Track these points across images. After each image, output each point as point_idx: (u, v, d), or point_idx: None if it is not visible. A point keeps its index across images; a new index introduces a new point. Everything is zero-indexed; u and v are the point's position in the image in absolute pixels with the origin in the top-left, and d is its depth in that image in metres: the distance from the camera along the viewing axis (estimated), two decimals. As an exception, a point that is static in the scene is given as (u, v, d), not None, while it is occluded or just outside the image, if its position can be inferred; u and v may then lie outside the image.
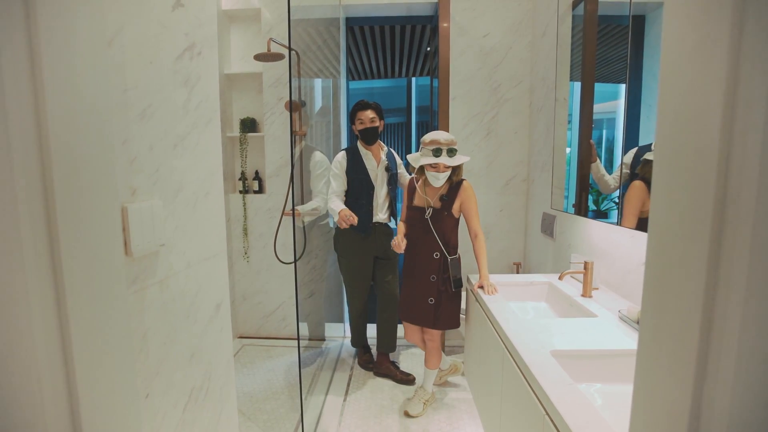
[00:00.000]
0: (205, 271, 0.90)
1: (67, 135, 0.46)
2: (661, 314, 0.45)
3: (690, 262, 0.40)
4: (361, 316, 2.47)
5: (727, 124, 0.37)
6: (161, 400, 0.73)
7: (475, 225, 1.86)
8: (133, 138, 0.66)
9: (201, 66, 0.87)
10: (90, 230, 0.51)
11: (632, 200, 1.42)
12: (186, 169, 0.82)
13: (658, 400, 0.46)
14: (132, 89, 0.65)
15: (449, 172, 1.80)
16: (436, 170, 1.78)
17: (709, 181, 0.37)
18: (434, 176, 1.79)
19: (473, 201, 1.85)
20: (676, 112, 0.42)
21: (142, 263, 0.69)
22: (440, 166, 1.76)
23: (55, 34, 0.45)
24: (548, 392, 0.92)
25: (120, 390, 0.56)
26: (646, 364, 0.48)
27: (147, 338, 0.69)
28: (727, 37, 0.35)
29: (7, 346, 0.43)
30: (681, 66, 0.41)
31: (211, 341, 0.93)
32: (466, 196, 1.84)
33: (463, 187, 1.84)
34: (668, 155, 0.43)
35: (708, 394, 0.39)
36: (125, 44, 0.63)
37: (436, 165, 1.76)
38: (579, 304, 1.48)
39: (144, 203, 0.68)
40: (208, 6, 0.89)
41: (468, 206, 1.84)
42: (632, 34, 1.43)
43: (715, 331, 0.39)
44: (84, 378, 0.48)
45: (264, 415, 2.07)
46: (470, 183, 1.88)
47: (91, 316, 0.50)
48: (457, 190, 1.84)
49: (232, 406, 1.04)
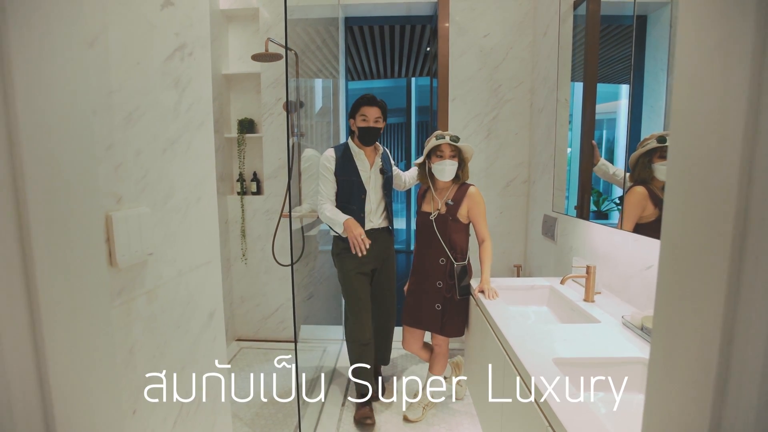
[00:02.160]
0: (197, 280, 0.87)
1: (41, 140, 0.43)
2: (676, 326, 0.42)
3: (709, 272, 0.37)
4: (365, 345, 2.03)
5: (750, 128, 0.34)
6: (150, 416, 0.70)
7: (482, 231, 1.83)
8: (119, 143, 0.63)
9: (192, 67, 0.84)
10: (69, 241, 0.48)
11: (632, 206, 1.40)
12: (176, 174, 0.79)
13: (672, 417, 0.43)
14: (117, 91, 0.62)
15: (456, 164, 1.77)
16: (441, 158, 1.75)
17: (730, 188, 0.35)
18: (440, 168, 1.76)
19: (481, 207, 1.81)
20: (692, 116, 0.39)
21: (128, 274, 0.66)
22: (446, 153, 1.75)
23: (27, 34, 0.42)
24: (550, 402, 0.89)
25: (103, 407, 0.53)
26: (660, 378, 0.45)
27: (134, 352, 0.66)
28: (752, 34, 0.32)
29: (-27, 370, 0.40)
30: (699, 66, 0.38)
31: (203, 351, 0.90)
32: (474, 202, 1.80)
33: (469, 192, 1.81)
34: (683, 161, 0.40)
35: (730, 414, 0.37)
36: (109, 44, 0.60)
37: (442, 152, 1.75)
38: (581, 309, 1.45)
39: (130, 211, 0.65)
40: (200, 5, 0.86)
41: (476, 212, 1.81)
42: (635, 34, 1.41)
43: (737, 344, 0.36)
44: (62, 398, 0.46)
45: (261, 420, 2.04)
46: (476, 187, 1.85)
47: (70, 332, 0.48)
48: (463, 196, 1.81)
49: (226, 417, 1.01)
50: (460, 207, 1.81)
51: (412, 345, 2.02)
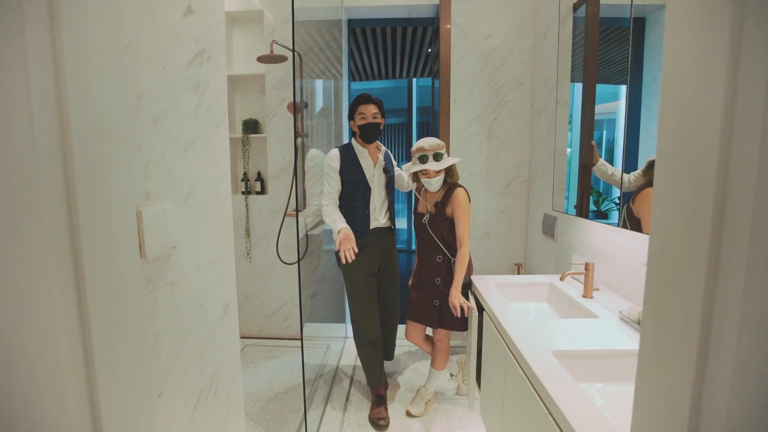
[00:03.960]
0: (214, 273, 0.92)
1: (88, 141, 0.48)
2: (662, 315, 0.46)
3: (690, 265, 0.41)
4: (374, 344, 2.10)
5: (726, 132, 0.38)
6: (173, 400, 0.75)
7: (461, 233, 1.82)
8: (147, 143, 0.68)
9: (210, 71, 0.88)
10: (108, 233, 0.52)
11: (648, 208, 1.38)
12: (196, 172, 0.83)
13: (659, 399, 0.47)
14: (146, 95, 0.67)
15: (441, 176, 1.85)
16: (427, 176, 1.85)
17: (708, 186, 0.39)
18: (427, 182, 1.87)
19: (463, 209, 1.82)
20: (677, 119, 0.44)
21: (155, 265, 0.70)
22: (430, 172, 1.83)
23: (77, 43, 0.46)
24: (550, 392, 0.94)
25: (137, 388, 0.57)
26: (648, 364, 0.50)
27: (159, 339, 0.71)
28: (726, 49, 0.37)
29: (34, 346, 0.44)
30: (682, 76, 0.43)
31: (219, 342, 0.94)
32: (457, 203, 1.83)
33: (454, 194, 1.84)
34: (669, 161, 0.45)
35: (708, 395, 0.41)
36: (140, 51, 0.65)
37: (426, 171, 1.83)
38: (580, 305, 1.49)
39: (157, 206, 0.69)
40: (217, 12, 0.90)
41: (456, 214, 1.83)
42: (633, 36, 1.45)
43: (714, 331, 0.40)
44: (104, 376, 0.50)
45: (267, 415, 2.09)
46: (469, 187, 1.89)
47: (110, 316, 0.52)
48: (450, 196, 1.86)
49: (239, 406, 1.06)
50: (447, 207, 1.87)
51: (414, 337, 2.09)
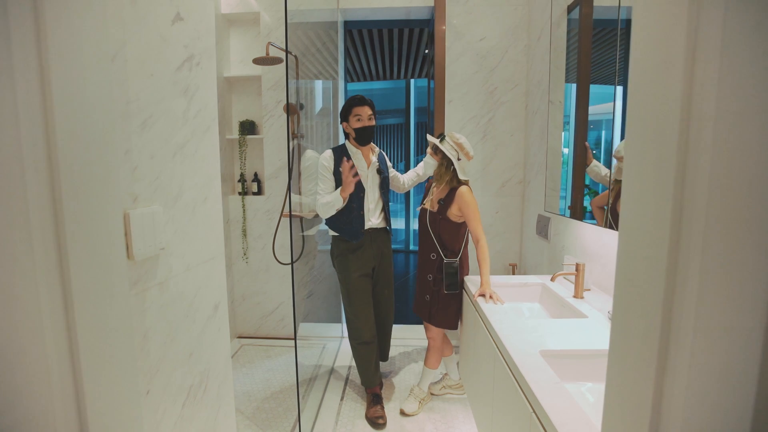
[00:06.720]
0: (204, 274, 0.94)
1: (74, 147, 0.50)
2: (628, 314, 0.48)
3: (652, 265, 0.43)
4: (369, 343, 2.12)
5: (683, 139, 0.40)
6: (161, 397, 0.77)
7: (475, 230, 1.86)
8: (135, 147, 0.69)
9: (200, 76, 0.90)
10: (94, 235, 0.54)
11: None
12: (185, 175, 0.85)
13: (625, 396, 0.49)
14: (134, 101, 0.69)
15: (435, 162, 1.94)
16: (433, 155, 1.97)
17: (668, 190, 0.41)
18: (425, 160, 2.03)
19: (471, 207, 1.84)
20: (642, 123, 0.45)
21: (143, 266, 0.72)
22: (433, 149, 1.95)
23: (63, 51, 0.48)
24: (535, 391, 0.95)
25: (123, 386, 0.59)
26: (616, 361, 0.51)
27: (148, 337, 0.72)
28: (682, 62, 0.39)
29: (20, 343, 0.46)
30: (645, 85, 0.45)
31: (209, 341, 0.96)
32: (463, 202, 1.84)
33: (458, 192, 1.86)
34: (634, 164, 0.47)
35: (668, 391, 0.43)
36: (128, 58, 0.67)
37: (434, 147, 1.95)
38: (570, 305, 1.51)
39: (145, 209, 0.71)
40: (207, 18, 0.92)
41: (466, 212, 1.85)
42: (624, 38, 1.47)
43: (674, 331, 0.42)
44: (89, 373, 0.52)
45: (262, 414, 2.10)
46: (468, 187, 1.90)
47: (96, 315, 0.54)
48: (453, 195, 1.87)
49: (230, 404, 1.07)
50: (451, 206, 1.87)
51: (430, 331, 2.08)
